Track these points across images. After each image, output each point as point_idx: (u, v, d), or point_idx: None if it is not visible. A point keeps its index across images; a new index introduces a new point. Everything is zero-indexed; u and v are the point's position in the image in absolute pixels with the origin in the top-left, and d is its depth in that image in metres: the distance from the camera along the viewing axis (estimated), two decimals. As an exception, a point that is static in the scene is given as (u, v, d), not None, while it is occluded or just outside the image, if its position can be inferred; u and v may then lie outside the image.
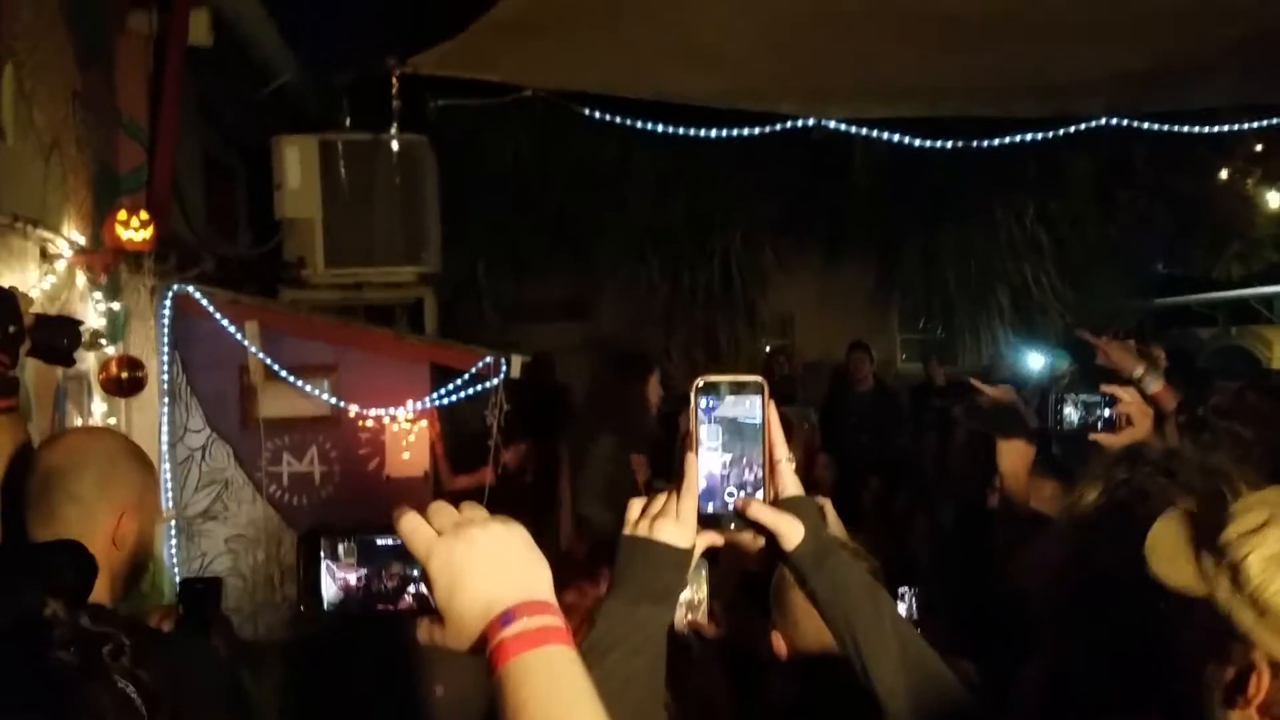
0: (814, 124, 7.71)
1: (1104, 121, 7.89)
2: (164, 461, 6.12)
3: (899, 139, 7.88)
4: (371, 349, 6.83)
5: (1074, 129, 7.98)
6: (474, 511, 1.23)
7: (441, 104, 7.37)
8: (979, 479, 3.91)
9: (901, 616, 1.75)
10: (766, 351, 12.14)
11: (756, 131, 7.73)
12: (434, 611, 1.20)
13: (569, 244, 12.20)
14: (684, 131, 7.60)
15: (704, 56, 6.40)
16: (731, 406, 1.56)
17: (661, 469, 6.07)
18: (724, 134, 7.75)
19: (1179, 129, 8.41)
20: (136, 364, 5.40)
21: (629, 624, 1.50)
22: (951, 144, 7.96)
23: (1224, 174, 12.87)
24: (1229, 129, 9.34)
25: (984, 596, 3.21)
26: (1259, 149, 12.39)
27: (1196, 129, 8.75)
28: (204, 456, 6.47)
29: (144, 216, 5.51)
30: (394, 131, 7.03)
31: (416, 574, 1.24)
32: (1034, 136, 8.09)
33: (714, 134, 7.72)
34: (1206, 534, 1.47)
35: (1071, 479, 2.08)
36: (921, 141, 7.87)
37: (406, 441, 6.66)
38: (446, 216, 8.43)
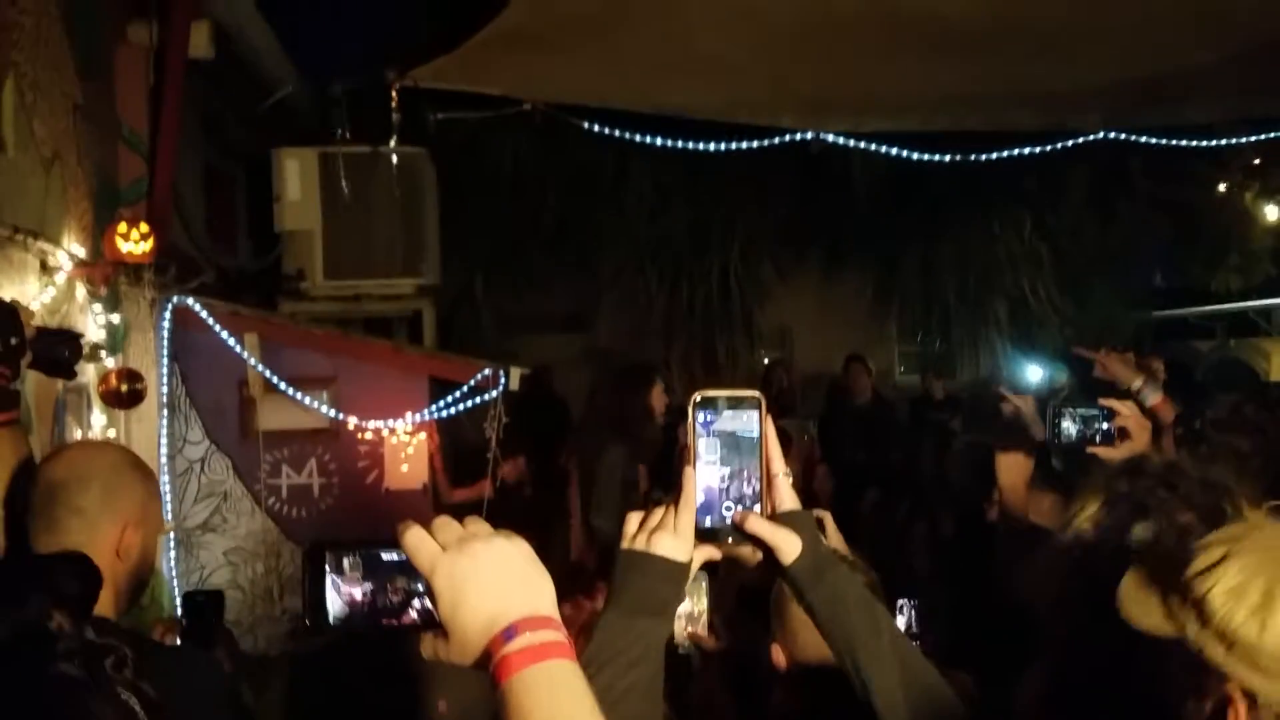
0: (813, 137, 7.72)
1: (1101, 135, 7.91)
2: (163, 473, 6.11)
3: (898, 152, 7.90)
4: (370, 361, 6.84)
5: (1072, 142, 8.00)
6: (478, 526, 1.24)
7: (441, 117, 7.38)
8: (978, 491, 3.92)
9: (899, 630, 1.76)
10: (765, 364, 12.14)
11: (755, 144, 7.75)
12: (438, 626, 1.20)
13: (568, 256, 12.21)
14: (683, 145, 7.62)
15: (703, 70, 6.42)
16: (729, 420, 1.57)
17: (662, 480, 6.09)
18: (723, 147, 7.77)
19: (1176, 142, 8.44)
20: (136, 376, 5.39)
21: (627, 637, 1.51)
22: (950, 157, 7.99)
23: (1222, 187, 12.88)
24: (1226, 142, 9.36)
25: (983, 609, 3.22)
26: (1257, 162, 12.41)
27: (1193, 142, 8.78)
28: (203, 468, 6.48)
29: (144, 229, 5.51)
30: (393, 144, 7.04)
31: (421, 588, 1.25)
32: (1032, 150, 8.11)
33: (713, 147, 7.74)
34: (1170, 575, 1.50)
35: (1071, 492, 2.08)
36: (920, 155, 7.90)
37: (405, 454, 6.67)
38: (445, 229, 8.44)
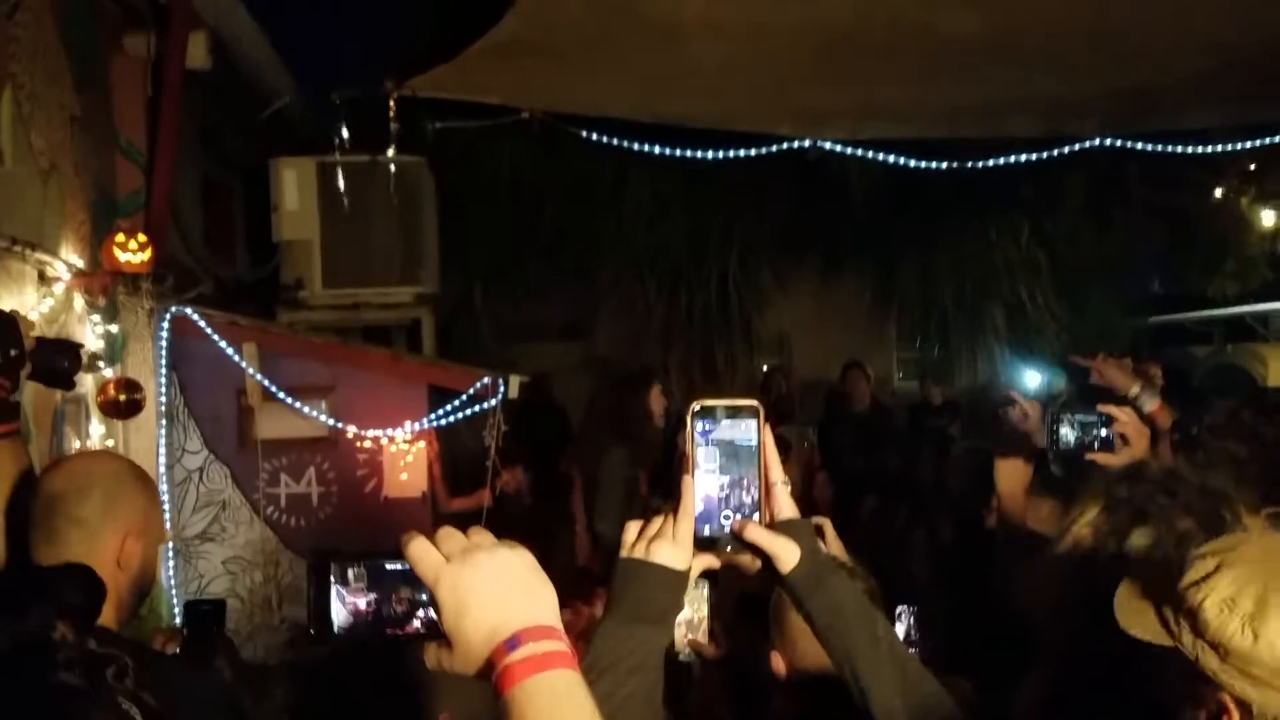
0: (810, 145, 7.74)
1: (1098, 141, 7.92)
2: (162, 483, 6.11)
3: (895, 160, 7.91)
4: (369, 370, 6.84)
5: (1069, 149, 8.01)
6: (481, 537, 1.24)
7: (439, 126, 7.38)
8: (977, 497, 3.92)
9: (898, 638, 1.76)
10: (764, 370, 12.14)
11: (753, 152, 7.77)
12: (442, 636, 1.21)
13: (566, 264, 12.22)
14: (681, 153, 7.63)
15: (700, 79, 6.43)
16: (728, 429, 1.57)
17: (661, 486, 6.10)
18: (721, 155, 7.78)
19: (1172, 149, 8.45)
20: (135, 386, 5.41)
21: (626, 645, 1.51)
22: (947, 165, 8.00)
23: (1218, 192, 12.91)
24: (1222, 148, 9.38)
25: (982, 615, 3.22)
26: (1252, 168, 12.44)
27: (1190, 149, 8.79)
28: (202, 478, 6.48)
29: (142, 239, 5.53)
30: (391, 153, 7.05)
31: (425, 598, 1.25)
32: (1029, 157, 8.12)
33: (711, 155, 7.75)
34: (1164, 586, 1.52)
35: (1070, 498, 2.08)
36: (917, 162, 7.91)
37: (404, 462, 6.67)
38: (444, 237, 8.45)
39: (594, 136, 7.28)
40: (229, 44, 6.90)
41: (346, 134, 7.15)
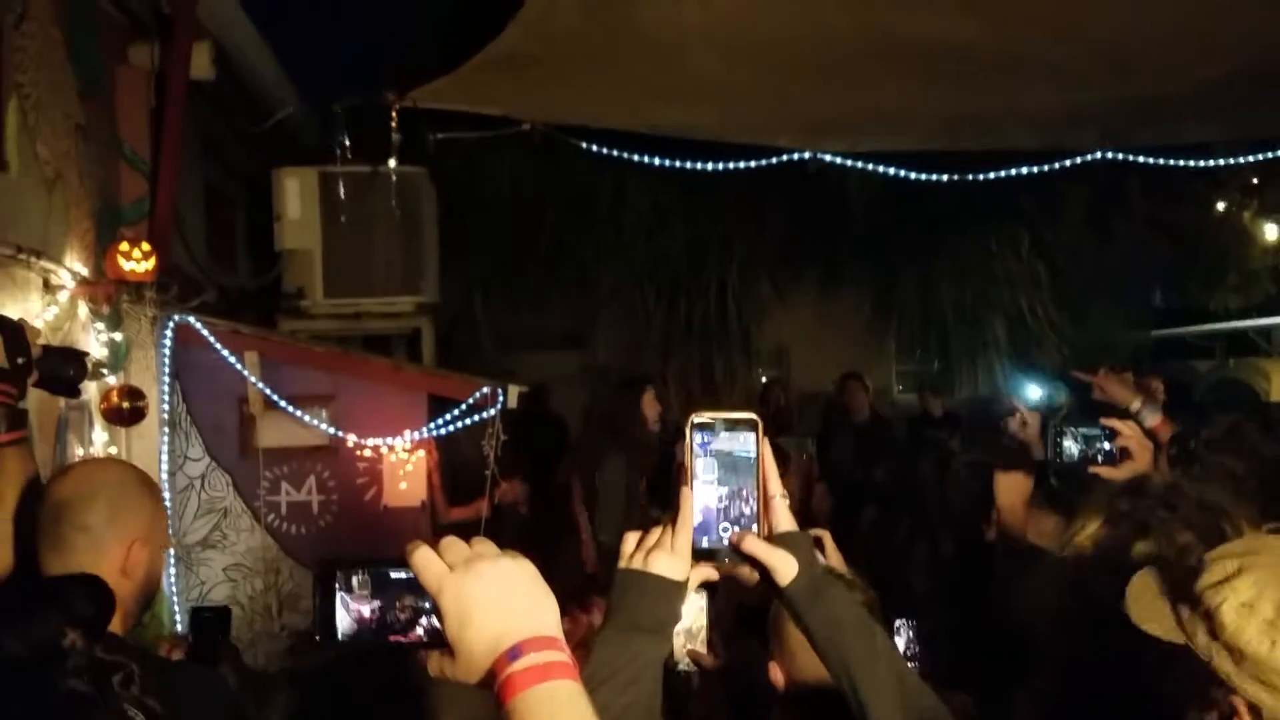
0: (810, 157, 7.75)
1: (1099, 155, 7.93)
2: (164, 490, 6.12)
3: (894, 172, 7.93)
4: (369, 379, 6.85)
5: (1069, 162, 8.02)
6: (484, 547, 1.25)
7: (440, 137, 7.41)
8: (978, 510, 3.92)
9: (897, 651, 1.76)
10: (762, 382, 12.14)
11: (752, 164, 7.79)
12: (445, 644, 1.22)
13: (566, 274, 12.23)
14: (680, 164, 7.65)
15: (700, 91, 6.45)
16: (727, 440, 1.58)
17: (659, 495, 6.12)
18: (720, 166, 7.80)
19: (1174, 162, 8.46)
20: (137, 394, 5.42)
21: (625, 655, 1.52)
22: (947, 177, 8.01)
23: (1220, 206, 12.91)
24: (1224, 162, 9.39)
25: (982, 628, 3.22)
26: (1255, 181, 12.44)
27: (1191, 162, 8.81)
28: (203, 485, 6.48)
29: (145, 248, 5.54)
30: (393, 163, 7.07)
31: (428, 606, 1.27)
32: (1029, 169, 8.13)
33: (710, 166, 7.77)
34: (1181, 585, 1.52)
35: (1074, 512, 2.09)
36: (917, 175, 7.92)
37: (404, 471, 6.67)
38: (444, 247, 8.47)
39: (594, 148, 7.30)
40: (232, 55, 6.91)
41: (348, 144, 7.18)
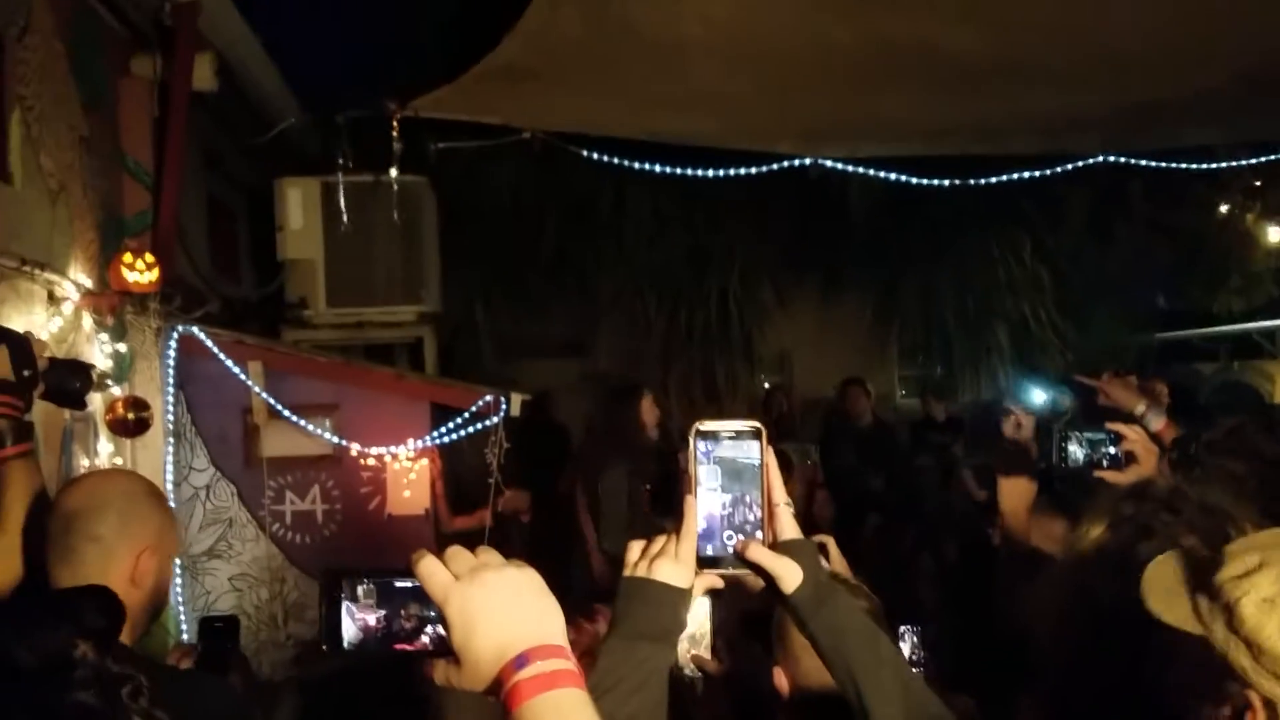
0: (810, 162, 7.76)
1: (1101, 158, 7.93)
2: (169, 500, 6.12)
3: (895, 177, 7.93)
4: (372, 388, 6.85)
5: (1071, 165, 8.02)
6: (490, 556, 1.26)
7: (441, 146, 7.43)
8: (982, 515, 3.92)
9: (902, 658, 1.76)
10: (765, 388, 12.13)
11: (753, 170, 7.80)
12: (451, 653, 1.23)
13: (567, 282, 12.22)
14: (681, 171, 7.67)
15: (700, 98, 6.46)
16: (730, 448, 1.59)
17: (662, 503, 6.12)
18: (721, 173, 7.81)
19: (1176, 165, 8.47)
20: (142, 404, 5.44)
21: (630, 662, 1.53)
22: (949, 182, 8.02)
23: (1223, 209, 12.89)
24: (1226, 165, 9.38)
25: (986, 634, 3.22)
26: (1257, 184, 12.42)
27: (1193, 165, 8.81)
28: (208, 495, 6.49)
29: (149, 259, 5.56)
30: (394, 173, 7.09)
31: (433, 615, 1.28)
32: (1031, 173, 8.13)
33: (711, 173, 7.78)
34: (1201, 575, 1.50)
35: (1079, 517, 2.09)
36: (918, 180, 7.93)
37: (407, 480, 6.68)
38: (446, 256, 8.47)
39: (594, 156, 7.32)
40: (235, 66, 6.92)
41: (350, 154, 7.20)
